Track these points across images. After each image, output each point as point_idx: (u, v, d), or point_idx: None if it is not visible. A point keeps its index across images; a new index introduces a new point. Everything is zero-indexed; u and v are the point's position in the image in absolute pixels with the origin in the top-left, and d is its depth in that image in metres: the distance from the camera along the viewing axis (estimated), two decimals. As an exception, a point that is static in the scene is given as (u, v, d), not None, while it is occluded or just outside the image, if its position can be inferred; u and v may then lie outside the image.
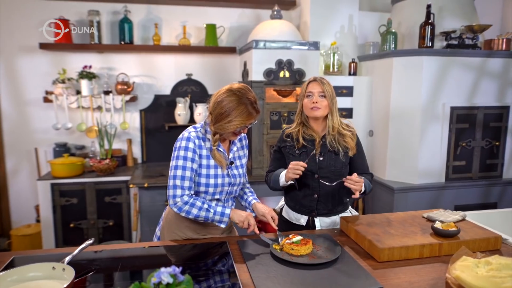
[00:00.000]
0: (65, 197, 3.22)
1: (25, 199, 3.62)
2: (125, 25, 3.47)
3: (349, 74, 3.58)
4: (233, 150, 1.74)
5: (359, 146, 1.92)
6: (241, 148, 1.80)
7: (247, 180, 1.87)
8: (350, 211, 1.96)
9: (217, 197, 1.69)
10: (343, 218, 1.77)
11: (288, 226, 1.93)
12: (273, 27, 3.33)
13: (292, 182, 1.82)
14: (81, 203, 3.25)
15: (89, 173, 3.34)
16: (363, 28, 3.68)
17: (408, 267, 1.41)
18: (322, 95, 1.82)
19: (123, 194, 3.31)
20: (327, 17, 3.52)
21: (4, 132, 3.54)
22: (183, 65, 3.75)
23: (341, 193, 1.86)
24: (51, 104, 3.44)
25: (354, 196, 1.74)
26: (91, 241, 1.44)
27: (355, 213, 1.97)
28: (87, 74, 3.42)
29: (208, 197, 1.67)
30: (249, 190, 1.89)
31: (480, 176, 3.30)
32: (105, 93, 3.52)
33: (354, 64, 3.56)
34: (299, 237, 1.54)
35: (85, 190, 3.24)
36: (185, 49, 3.61)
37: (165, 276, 0.89)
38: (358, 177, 1.72)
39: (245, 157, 1.81)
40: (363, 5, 3.74)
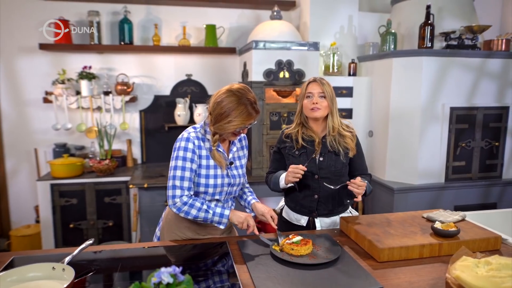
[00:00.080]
0: (64, 197, 3.21)
1: (25, 200, 3.62)
2: (125, 25, 3.48)
3: (348, 74, 3.59)
4: (233, 150, 1.73)
5: (359, 146, 1.92)
6: (240, 148, 1.80)
7: (246, 180, 1.87)
8: (350, 211, 1.96)
9: (216, 197, 1.69)
10: (343, 218, 1.77)
11: (288, 226, 1.93)
12: (272, 27, 3.33)
13: (292, 184, 1.82)
14: (80, 203, 3.25)
15: (89, 174, 3.34)
16: (362, 28, 3.68)
17: (408, 267, 1.41)
18: (322, 96, 1.81)
19: (122, 194, 3.31)
20: (326, 18, 3.52)
21: (4, 132, 3.54)
22: (183, 66, 3.75)
23: (342, 194, 1.86)
24: (50, 104, 3.44)
25: (356, 199, 1.75)
26: (91, 241, 1.44)
27: (355, 213, 1.97)
28: (87, 75, 3.42)
29: (207, 198, 1.67)
30: (248, 190, 1.89)
31: (479, 176, 3.31)
32: (105, 93, 3.52)
33: (353, 64, 3.56)
34: (299, 237, 1.54)
35: (84, 190, 3.24)
36: (185, 49, 3.61)
37: (165, 276, 0.89)
38: (361, 180, 1.72)
39: (244, 157, 1.81)
40: (362, 6, 3.74)
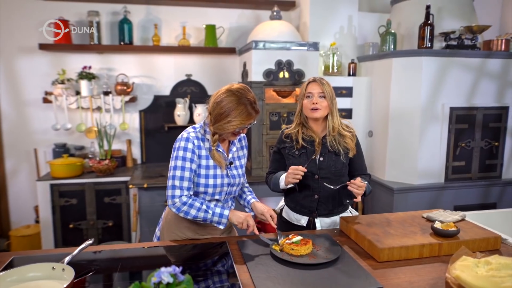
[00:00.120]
0: (64, 197, 3.21)
1: (24, 200, 3.62)
2: (124, 25, 3.47)
3: (348, 74, 3.59)
4: (233, 150, 1.73)
5: (359, 146, 1.92)
6: (240, 148, 1.80)
7: (245, 180, 1.87)
8: (350, 211, 1.96)
9: (216, 197, 1.69)
10: (343, 218, 1.77)
11: (288, 226, 1.93)
12: (272, 27, 3.34)
13: (292, 185, 1.82)
14: (80, 203, 3.24)
15: (89, 174, 3.34)
16: (362, 28, 3.68)
17: (408, 267, 1.41)
18: (322, 96, 1.81)
19: (122, 194, 3.31)
20: (326, 18, 3.52)
21: (4, 132, 3.54)
22: (182, 66, 3.75)
23: (342, 194, 1.86)
24: (50, 104, 3.44)
25: (356, 200, 1.75)
26: (90, 241, 1.44)
27: (355, 213, 1.97)
28: (86, 75, 3.41)
29: (207, 198, 1.67)
30: (247, 189, 1.89)
31: (479, 176, 3.31)
32: (105, 93, 3.51)
33: (353, 64, 3.56)
34: (299, 237, 1.54)
35: (84, 190, 3.24)
36: (184, 49, 3.61)
37: (165, 276, 0.89)
38: (361, 181, 1.72)
39: (244, 157, 1.81)
40: (362, 6, 3.74)
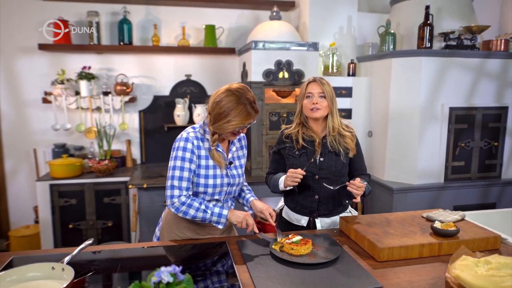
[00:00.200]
0: (64, 198, 3.21)
1: (24, 200, 3.62)
2: (124, 26, 3.47)
3: (348, 75, 3.59)
4: (232, 150, 1.73)
5: (358, 146, 1.92)
6: (240, 148, 1.80)
7: (244, 179, 1.86)
8: (350, 211, 1.96)
9: (216, 197, 1.69)
10: (343, 218, 1.77)
11: (289, 227, 1.93)
12: (272, 28, 3.34)
13: (291, 187, 1.82)
14: (80, 204, 3.24)
15: (88, 174, 3.34)
16: (362, 29, 3.69)
17: (408, 267, 1.41)
18: (322, 96, 1.81)
19: (122, 195, 3.31)
20: (326, 18, 3.52)
21: (3, 133, 3.54)
22: (182, 66, 3.75)
23: (342, 194, 1.86)
24: (50, 105, 3.44)
25: (355, 200, 1.75)
26: (90, 241, 1.44)
27: (355, 213, 1.97)
28: (86, 75, 3.41)
29: (207, 198, 1.67)
30: (246, 188, 1.89)
31: (479, 176, 3.31)
32: (104, 94, 3.51)
33: (353, 65, 3.56)
34: (298, 237, 1.54)
35: (84, 191, 3.24)
36: (184, 50, 3.61)
37: (165, 275, 0.89)
38: (361, 181, 1.72)
39: (244, 157, 1.81)
40: (362, 6, 3.75)
